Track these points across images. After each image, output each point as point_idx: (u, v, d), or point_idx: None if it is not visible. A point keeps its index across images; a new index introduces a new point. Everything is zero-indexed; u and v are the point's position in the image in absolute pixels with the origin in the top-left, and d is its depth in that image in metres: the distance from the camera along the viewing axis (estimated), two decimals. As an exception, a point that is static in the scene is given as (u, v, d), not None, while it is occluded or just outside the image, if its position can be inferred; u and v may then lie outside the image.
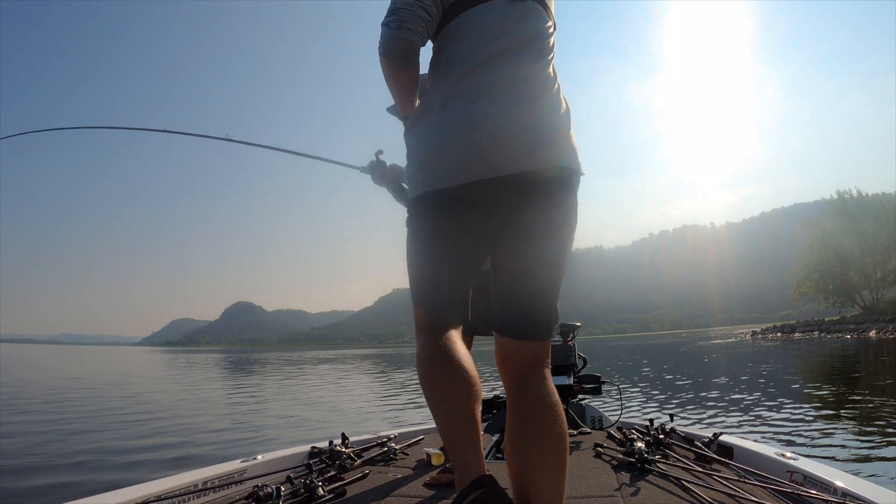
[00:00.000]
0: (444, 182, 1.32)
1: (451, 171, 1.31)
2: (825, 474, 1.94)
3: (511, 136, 1.29)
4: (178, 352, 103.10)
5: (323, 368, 26.91)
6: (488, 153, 1.28)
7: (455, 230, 1.37)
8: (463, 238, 1.38)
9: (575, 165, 1.37)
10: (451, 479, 2.16)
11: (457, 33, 1.39)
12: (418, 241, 1.42)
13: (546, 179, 1.32)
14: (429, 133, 1.36)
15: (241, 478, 2.27)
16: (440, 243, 1.38)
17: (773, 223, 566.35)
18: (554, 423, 1.30)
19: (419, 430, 3.45)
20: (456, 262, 1.39)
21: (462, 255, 1.39)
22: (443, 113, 1.34)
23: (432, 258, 1.40)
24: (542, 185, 1.32)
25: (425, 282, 1.43)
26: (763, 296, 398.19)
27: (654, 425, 2.89)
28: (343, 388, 15.48)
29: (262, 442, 6.64)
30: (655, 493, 1.91)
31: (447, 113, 1.33)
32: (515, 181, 1.30)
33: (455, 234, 1.37)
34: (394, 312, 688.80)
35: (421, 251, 1.42)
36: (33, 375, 21.67)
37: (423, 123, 1.40)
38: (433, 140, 1.34)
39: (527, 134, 1.30)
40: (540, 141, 1.31)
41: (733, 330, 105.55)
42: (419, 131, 1.40)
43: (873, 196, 49.53)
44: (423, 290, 1.43)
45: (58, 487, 4.43)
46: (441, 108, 1.35)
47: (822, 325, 45.66)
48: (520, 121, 1.30)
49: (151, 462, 5.46)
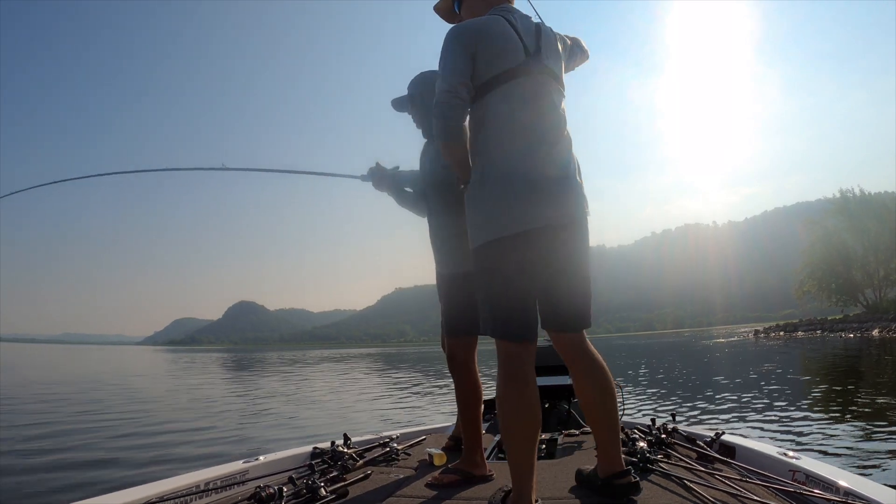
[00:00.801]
0: (525, 226, 1.65)
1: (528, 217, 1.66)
2: (828, 473, 1.93)
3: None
4: (180, 351, 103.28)
5: (325, 368, 26.94)
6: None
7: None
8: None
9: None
10: (452, 479, 2.16)
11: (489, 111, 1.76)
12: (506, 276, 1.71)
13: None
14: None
15: (244, 478, 2.27)
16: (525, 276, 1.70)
17: (776, 222, 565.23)
18: (608, 375, 1.78)
19: (421, 430, 3.44)
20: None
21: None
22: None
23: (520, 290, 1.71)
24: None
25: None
26: (765, 295, 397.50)
27: (656, 425, 2.88)
28: (345, 387, 15.48)
29: (264, 442, 6.65)
30: (657, 492, 1.91)
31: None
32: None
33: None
34: (396, 311, 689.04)
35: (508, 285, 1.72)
36: (34, 375, 21.71)
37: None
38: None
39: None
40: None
41: (736, 329, 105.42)
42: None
43: (876, 195, 49.42)
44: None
45: (58, 488, 4.44)
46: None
47: (824, 324, 45.54)
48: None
49: (152, 462, 5.47)
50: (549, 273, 1.72)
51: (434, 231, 2.47)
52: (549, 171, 1.69)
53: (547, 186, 1.67)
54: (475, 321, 2.35)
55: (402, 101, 2.53)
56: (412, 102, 2.50)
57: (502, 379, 1.68)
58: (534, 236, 1.65)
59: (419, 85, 2.49)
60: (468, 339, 2.35)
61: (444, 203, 2.40)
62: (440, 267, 2.45)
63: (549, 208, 1.67)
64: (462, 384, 2.34)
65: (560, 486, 2.04)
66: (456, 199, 2.38)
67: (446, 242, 2.42)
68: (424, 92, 2.46)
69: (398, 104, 2.55)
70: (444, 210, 2.41)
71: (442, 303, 2.43)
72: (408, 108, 2.54)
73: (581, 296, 1.77)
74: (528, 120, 1.72)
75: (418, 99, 2.47)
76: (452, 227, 2.39)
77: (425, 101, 2.45)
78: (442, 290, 2.43)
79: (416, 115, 2.52)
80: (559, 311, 1.77)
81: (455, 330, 2.35)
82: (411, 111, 2.53)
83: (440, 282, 2.45)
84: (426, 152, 2.51)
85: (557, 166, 1.72)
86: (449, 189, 2.38)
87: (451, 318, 2.37)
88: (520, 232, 1.64)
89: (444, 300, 2.41)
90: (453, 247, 2.38)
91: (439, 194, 2.42)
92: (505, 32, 1.74)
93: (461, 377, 2.34)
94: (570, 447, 2.84)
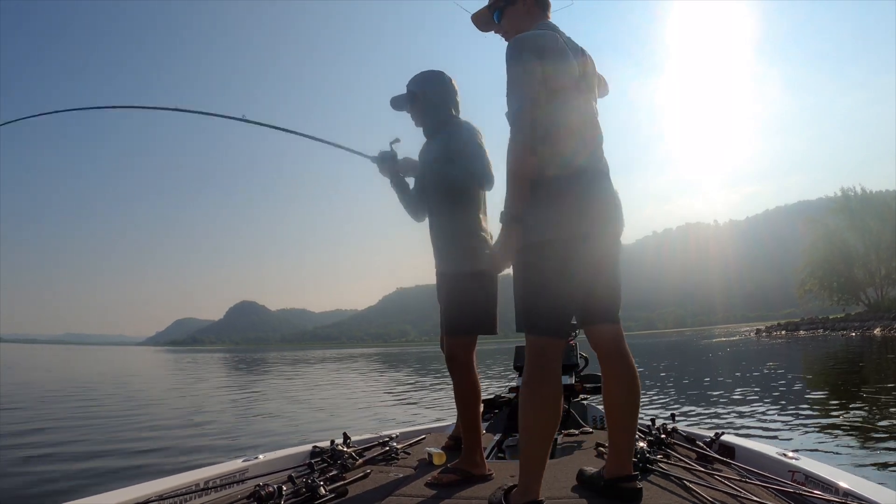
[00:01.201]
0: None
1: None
2: (827, 474, 1.93)
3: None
4: (181, 351, 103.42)
5: (326, 367, 26.95)
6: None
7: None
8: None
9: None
10: (452, 479, 2.17)
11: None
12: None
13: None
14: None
15: (243, 477, 2.28)
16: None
17: (777, 221, 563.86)
18: (638, 380, 1.86)
19: (421, 429, 3.45)
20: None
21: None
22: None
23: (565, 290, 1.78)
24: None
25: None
26: (766, 294, 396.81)
27: (656, 425, 2.88)
28: (345, 387, 15.49)
29: (263, 441, 6.66)
30: (657, 493, 1.91)
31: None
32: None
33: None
34: (398, 311, 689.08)
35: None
36: (35, 376, 21.75)
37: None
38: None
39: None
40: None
41: (737, 328, 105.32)
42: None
43: (877, 193, 49.30)
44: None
45: (58, 487, 4.45)
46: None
47: (826, 323, 45.45)
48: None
49: (152, 461, 5.48)
50: (593, 273, 1.80)
51: (434, 231, 2.47)
52: (601, 183, 1.83)
53: (600, 195, 1.81)
54: (475, 321, 2.35)
55: (402, 99, 2.51)
56: (413, 100, 2.48)
57: (534, 371, 1.73)
58: (587, 240, 1.76)
59: (422, 83, 2.48)
60: (467, 339, 2.36)
61: (445, 203, 2.40)
62: (440, 266, 2.45)
63: (602, 215, 1.80)
64: (461, 384, 2.34)
65: (560, 485, 2.04)
66: (456, 198, 2.38)
67: (446, 242, 2.42)
68: (427, 90, 2.46)
69: (397, 103, 2.53)
70: (445, 210, 2.41)
71: (441, 302, 2.44)
72: (407, 107, 2.52)
73: (618, 288, 1.89)
74: (584, 133, 1.83)
75: (420, 97, 2.46)
76: (452, 227, 2.40)
77: (428, 99, 2.45)
78: (442, 290, 2.43)
79: (416, 114, 2.51)
80: (600, 305, 1.87)
81: (455, 330, 2.36)
82: (411, 109, 2.52)
83: (440, 281, 2.45)
84: (427, 151, 2.51)
85: (606, 177, 1.86)
86: (449, 189, 2.38)
87: (451, 318, 2.37)
88: (576, 235, 1.74)
89: (445, 300, 2.41)
90: (453, 246, 2.38)
91: (439, 194, 2.42)
92: (564, 49, 1.81)
93: (461, 377, 2.34)
94: (569, 447, 2.84)
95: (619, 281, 1.90)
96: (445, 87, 2.48)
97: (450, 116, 2.46)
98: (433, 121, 2.47)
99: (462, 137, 2.37)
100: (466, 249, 2.36)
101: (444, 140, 2.41)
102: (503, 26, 1.99)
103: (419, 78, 2.50)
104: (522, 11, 1.94)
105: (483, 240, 2.38)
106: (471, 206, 2.39)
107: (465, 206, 2.38)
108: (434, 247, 2.48)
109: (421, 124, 2.52)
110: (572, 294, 1.78)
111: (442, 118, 2.46)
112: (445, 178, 2.36)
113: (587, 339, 1.96)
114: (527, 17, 1.94)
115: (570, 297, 1.78)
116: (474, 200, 2.40)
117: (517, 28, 1.93)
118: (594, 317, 1.89)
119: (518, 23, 1.94)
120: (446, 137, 2.41)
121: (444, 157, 2.38)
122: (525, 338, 1.78)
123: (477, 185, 2.36)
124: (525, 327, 1.77)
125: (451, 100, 2.48)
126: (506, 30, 1.98)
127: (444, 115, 2.46)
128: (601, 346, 1.88)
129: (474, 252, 2.34)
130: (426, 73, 2.51)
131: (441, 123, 2.45)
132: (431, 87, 2.48)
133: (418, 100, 2.47)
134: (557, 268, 1.73)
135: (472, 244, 2.36)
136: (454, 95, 2.50)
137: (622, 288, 1.91)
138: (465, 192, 2.37)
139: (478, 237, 2.38)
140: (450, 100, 2.48)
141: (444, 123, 2.45)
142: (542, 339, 1.75)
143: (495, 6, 1.99)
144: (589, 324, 1.89)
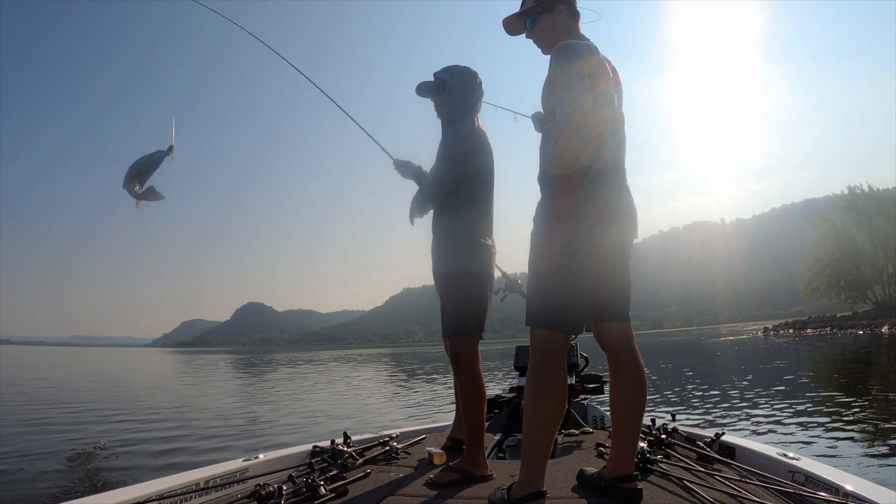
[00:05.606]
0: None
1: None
2: (827, 474, 1.92)
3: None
4: (189, 353, 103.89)
5: (332, 368, 26.99)
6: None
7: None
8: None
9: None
10: (452, 478, 2.17)
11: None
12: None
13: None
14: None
15: (243, 477, 2.29)
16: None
17: (784, 219, 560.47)
18: (646, 381, 1.89)
19: (421, 429, 3.45)
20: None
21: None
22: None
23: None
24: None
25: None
26: (773, 292, 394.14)
27: (656, 425, 2.87)
28: (347, 387, 15.54)
29: (264, 441, 6.68)
30: (657, 493, 1.91)
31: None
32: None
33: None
34: (404, 311, 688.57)
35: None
36: (45, 375, 21.89)
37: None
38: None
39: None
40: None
41: (745, 327, 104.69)
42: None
43: (884, 191, 48.91)
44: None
45: (59, 487, 4.48)
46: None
47: (834, 321, 45.11)
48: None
49: (152, 460, 5.51)
50: (611, 272, 1.87)
51: (435, 229, 2.46)
52: (625, 186, 1.90)
53: (625, 198, 1.89)
54: (479, 320, 2.34)
55: (428, 86, 2.48)
56: (440, 89, 2.45)
57: (541, 365, 1.75)
58: (610, 247, 1.83)
59: (452, 74, 2.45)
60: (467, 339, 2.34)
61: (446, 202, 2.39)
62: (439, 266, 2.43)
63: (626, 219, 1.88)
64: (466, 384, 2.32)
65: (560, 485, 2.04)
66: (457, 198, 2.37)
67: (437, 240, 2.42)
68: (456, 83, 2.43)
69: (422, 89, 2.49)
70: (445, 209, 2.40)
71: (443, 301, 2.41)
72: (431, 95, 2.49)
73: (629, 287, 1.95)
74: (619, 140, 1.90)
75: (448, 88, 2.43)
76: (452, 226, 2.39)
77: (455, 92, 2.42)
78: (443, 290, 2.42)
79: (441, 103, 2.46)
80: (613, 303, 1.91)
81: (457, 329, 2.34)
82: (436, 98, 2.48)
83: (441, 280, 2.43)
84: (439, 145, 2.47)
85: (626, 188, 1.93)
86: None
87: (453, 317, 2.36)
88: (606, 238, 1.80)
89: (448, 299, 2.38)
90: (453, 244, 2.38)
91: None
92: (603, 61, 1.86)
93: (466, 377, 2.33)
94: (569, 447, 2.84)
95: (629, 279, 1.94)
96: (473, 87, 2.46)
97: (466, 115, 2.42)
98: (451, 115, 2.43)
99: (463, 138, 2.36)
100: (466, 248, 2.35)
101: (448, 138, 2.40)
102: (536, 32, 2.02)
103: (452, 69, 2.47)
104: (559, 20, 1.97)
105: (477, 242, 2.36)
106: (467, 206, 2.37)
107: (460, 207, 2.36)
108: (433, 244, 2.47)
109: (443, 115, 2.48)
110: (593, 293, 1.83)
111: (460, 115, 2.42)
112: (437, 175, 2.37)
113: (596, 336, 1.97)
114: (561, 26, 1.97)
115: (590, 296, 1.83)
116: (473, 201, 2.38)
117: (549, 34, 1.97)
118: (606, 314, 1.92)
119: (553, 30, 1.97)
120: (451, 136, 2.39)
121: (441, 156, 2.38)
122: (532, 332, 1.80)
123: (454, 188, 2.34)
124: (540, 323, 1.79)
125: (475, 100, 2.46)
126: (538, 36, 2.01)
127: (462, 112, 2.42)
128: (611, 344, 1.91)
129: (464, 254, 2.33)
130: (460, 66, 2.48)
131: (456, 120, 2.42)
132: (461, 80, 2.45)
133: (444, 90, 2.44)
134: (585, 268, 1.78)
135: (464, 246, 2.34)
136: (479, 97, 2.48)
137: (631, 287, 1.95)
138: (460, 192, 2.36)
139: (471, 239, 2.36)
140: (475, 100, 2.46)
141: (457, 120, 2.41)
142: (553, 334, 1.78)
143: (531, 11, 2.01)
144: (599, 321, 1.92)
